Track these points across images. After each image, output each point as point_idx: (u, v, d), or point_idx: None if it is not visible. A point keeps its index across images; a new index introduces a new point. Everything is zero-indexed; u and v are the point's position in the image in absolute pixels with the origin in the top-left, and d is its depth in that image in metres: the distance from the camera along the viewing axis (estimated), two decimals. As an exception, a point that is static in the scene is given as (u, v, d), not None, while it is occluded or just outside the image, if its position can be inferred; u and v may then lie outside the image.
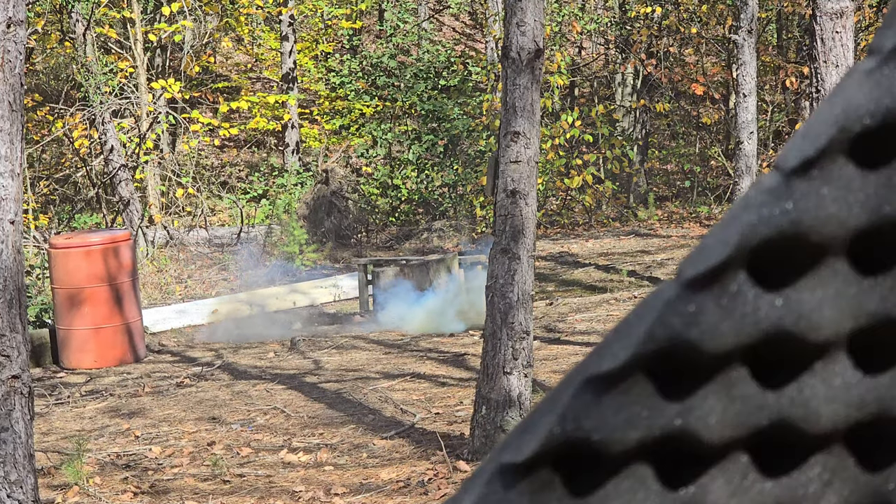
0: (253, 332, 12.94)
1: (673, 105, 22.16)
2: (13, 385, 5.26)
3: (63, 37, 19.10)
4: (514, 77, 7.17)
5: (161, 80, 18.69)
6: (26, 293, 5.68)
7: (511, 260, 7.21)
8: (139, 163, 18.07)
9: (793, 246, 0.78)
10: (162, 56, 20.90)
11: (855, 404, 0.80)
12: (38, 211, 18.00)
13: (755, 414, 0.79)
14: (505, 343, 7.23)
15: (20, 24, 5.23)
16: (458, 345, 11.48)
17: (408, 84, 21.33)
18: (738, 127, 13.16)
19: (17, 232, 5.28)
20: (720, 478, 0.79)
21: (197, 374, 10.82)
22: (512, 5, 7.19)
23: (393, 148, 21.51)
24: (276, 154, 22.80)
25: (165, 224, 17.74)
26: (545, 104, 19.65)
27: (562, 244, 17.98)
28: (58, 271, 11.42)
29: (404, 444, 8.07)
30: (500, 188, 7.24)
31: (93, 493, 7.39)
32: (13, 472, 5.27)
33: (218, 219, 20.22)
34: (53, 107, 19.15)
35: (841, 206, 0.78)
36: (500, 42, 12.67)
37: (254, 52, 23.65)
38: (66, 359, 11.43)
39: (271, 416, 9.08)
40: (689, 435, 0.78)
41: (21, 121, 5.30)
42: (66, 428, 9.13)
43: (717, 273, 0.76)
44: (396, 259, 14.25)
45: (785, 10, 20.47)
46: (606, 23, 21.83)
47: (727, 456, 0.80)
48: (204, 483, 7.51)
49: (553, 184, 19.91)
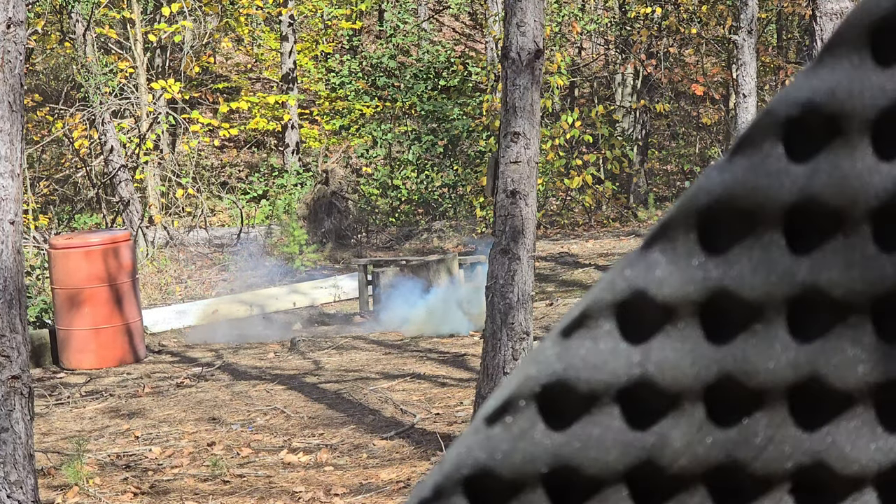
0: (253, 333, 12.94)
1: (673, 105, 22.16)
2: (13, 385, 5.26)
3: (63, 37, 19.11)
4: (513, 77, 7.17)
5: (161, 80, 18.70)
6: (26, 293, 5.68)
7: (511, 260, 7.21)
8: (139, 163, 18.07)
9: (732, 214, 0.87)
10: (162, 56, 20.90)
11: (790, 366, 0.89)
12: (38, 211, 18.00)
13: (705, 367, 0.87)
14: (505, 344, 7.23)
15: (20, 25, 5.23)
16: (458, 345, 11.48)
17: (408, 84, 21.33)
18: (738, 127, 13.16)
19: (17, 232, 5.28)
20: (679, 426, 0.88)
21: (197, 374, 10.82)
22: (512, 6, 7.19)
23: (393, 148, 21.51)
24: (276, 154, 22.80)
25: (165, 224, 17.74)
26: (545, 104, 19.65)
27: (562, 245, 17.98)
28: (58, 272, 11.42)
29: (404, 445, 8.07)
30: (500, 188, 7.24)
31: (93, 493, 7.39)
32: (13, 473, 5.27)
33: (218, 219, 20.22)
34: (53, 107, 19.16)
35: (775, 183, 0.87)
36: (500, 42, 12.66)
37: (254, 52, 23.65)
38: (66, 359, 11.43)
39: (271, 416, 9.08)
40: (649, 381, 0.87)
41: (21, 121, 5.30)
42: (66, 428, 9.13)
43: (671, 225, 0.87)
44: (396, 259, 14.25)
45: (785, 10, 20.47)
46: (606, 23, 21.83)
47: (684, 406, 0.88)
48: (204, 483, 7.51)
49: (553, 184, 19.91)
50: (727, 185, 0.87)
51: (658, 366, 0.88)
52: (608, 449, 0.89)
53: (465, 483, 0.88)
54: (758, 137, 0.87)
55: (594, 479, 0.89)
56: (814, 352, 0.89)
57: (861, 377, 0.89)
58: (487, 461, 0.88)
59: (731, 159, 0.87)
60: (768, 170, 0.87)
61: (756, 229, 0.87)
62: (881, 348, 0.89)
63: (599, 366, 0.87)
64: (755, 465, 0.90)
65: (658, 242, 0.87)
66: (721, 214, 0.87)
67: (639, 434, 0.89)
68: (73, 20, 17.28)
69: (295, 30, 21.84)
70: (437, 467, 0.89)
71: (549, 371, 0.88)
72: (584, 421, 0.89)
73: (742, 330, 0.89)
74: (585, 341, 0.87)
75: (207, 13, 20.49)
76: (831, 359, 0.89)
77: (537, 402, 0.88)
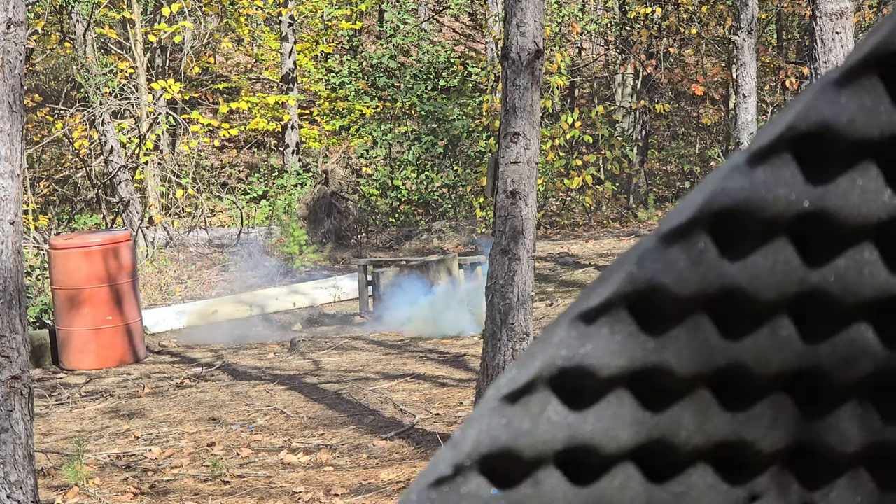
0: (252, 333, 12.94)
1: (673, 106, 22.16)
2: (13, 386, 5.25)
3: (63, 37, 19.11)
4: (513, 78, 7.17)
5: (161, 80, 18.69)
6: (26, 294, 5.68)
7: (511, 261, 7.20)
8: (139, 163, 18.07)
9: (745, 216, 0.91)
10: (162, 57, 20.90)
11: (796, 359, 0.94)
12: (38, 212, 18.00)
13: (716, 356, 0.92)
14: (505, 344, 7.23)
15: (20, 25, 5.23)
16: (457, 346, 11.49)
17: (408, 85, 21.33)
18: (738, 128, 13.16)
19: (16, 233, 5.28)
20: (690, 409, 0.93)
21: (197, 374, 10.82)
22: (512, 6, 7.19)
23: (393, 148, 21.51)
24: (275, 155, 22.79)
25: (165, 225, 17.74)
26: (545, 105, 19.65)
27: (562, 245, 17.98)
28: (58, 272, 11.42)
29: (404, 445, 8.07)
30: (500, 189, 7.24)
31: (93, 493, 7.39)
32: (13, 473, 5.27)
33: (218, 219, 20.21)
34: (53, 107, 19.15)
35: (788, 190, 0.91)
36: (500, 43, 12.67)
37: (254, 52, 23.65)
38: (66, 359, 11.43)
39: (271, 416, 9.08)
40: (664, 367, 0.91)
41: (21, 121, 5.30)
42: (66, 429, 9.13)
43: (686, 229, 0.90)
44: (396, 260, 14.24)
45: (785, 10, 20.47)
46: (606, 23, 21.83)
47: (695, 391, 0.93)
48: (204, 484, 7.51)
49: (553, 184, 19.90)
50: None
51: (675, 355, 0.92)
52: (622, 428, 0.92)
53: (484, 461, 0.90)
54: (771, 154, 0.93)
55: (608, 457, 0.92)
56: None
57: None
58: (508, 441, 0.90)
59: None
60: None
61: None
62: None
63: (617, 352, 0.91)
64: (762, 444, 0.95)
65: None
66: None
67: (652, 415, 0.92)
68: (73, 20, 17.28)
69: (295, 30, 21.84)
70: (452, 446, 0.90)
71: (570, 355, 0.90)
72: (600, 404, 0.92)
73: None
74: (603, 329, 0.90)
75: (207, 13, 20.48)
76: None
77: (556, 385, 0.91)
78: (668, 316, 0.91)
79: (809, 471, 0.96)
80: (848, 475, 0.95)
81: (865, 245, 0.92)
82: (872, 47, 0.90)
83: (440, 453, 0.90)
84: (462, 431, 0.90)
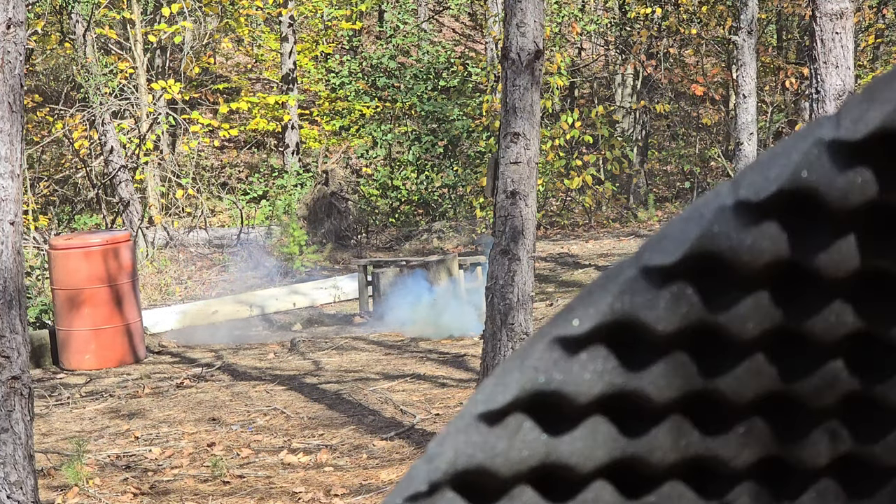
0: (252, 333, 12.94)
1: (673, 106, 22.16)
2: (13, 386, 5.26)
3: (63, 38, 19.11)
4: (513, 78, 7.17)
5: (161, 80, 18.70)
6: (26, 294, 5.68)
7: (511, 261, 7.21)
8: (139, 164, 18.07)
9: (730, 266, 0.93)
10: (162, 57, 20.90)
11: (764, 389, 0.96)
12: (37, 212, 18.00)
13: (695, 385, 0.95)
14: (505, 344, 7.23)
15: (20, 25, 5.23)
16: (457, 346, 11.49)
17: (408, 85, 21.33)
18: (738, 128, 13.16)
19: (16, 233, 5.28)
20: (666, 430, 0.95)
21: (197, 375, 10.82)
22: (512, 6, 7.19)
23: (393, 149, 21.51)
24: (275, 155, 22.79)
25: (165, 225, 17.74)
26: (545, 105, 19.65)
27: (562, 245, 17.98)
28: (58, 272, 11.42)
29: (404, 445, 8.07)
30: (500, 189, 7.24)
31: (93, 494, 7.39)
32: (13, 473, 5.27)
33: (218, 220, 20.22)
34: (53, 108, 19.16)
35: (763, 241, 0.92)
36: (500, 43, 12.66)
37: (254, 52, 23.65)
38: (66, 360, 11.43)
39: (271, 417, 9.08)
40: (641, 395, 0.93)
41: (21, 122, 5.30)
42: (66, 429, 9.13)
43: (672, 271, 0.91)
44: (396, 260, 14.24)
45: (785, 10, 20.47)
46: (606, 24, 21.83)
47: (670, 416, 0.95)
48: (204, 484, 7.51)
49: (553, 185, 19.90)
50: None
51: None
52: (598, 448, 0.94)
53: (458, 477, 0.91)
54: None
55: (583, 476, 0.94)
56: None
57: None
58: (484, 460, 0.91)
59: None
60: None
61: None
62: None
63: (595, 380, 0.92)
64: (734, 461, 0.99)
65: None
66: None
67: (629, 439, 0.95)
68: (73, 21, 17.28)
69: (295, 30, 21.84)
70: (427, 462, 0.91)
71: (547, 381, 0.92)
72: (577, 428, 0.94)
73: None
74: (582, 355, 0.92)
75: (207, 14, 20.49)
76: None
77: (532, 408, 0.92)
78: (647, 349, 0.93)
79: (781, 482, 0.99)
80: (818, 485, 0.99)
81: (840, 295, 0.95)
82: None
83: (416, 467, 0.91)
84: (438, 446, 0.91)
